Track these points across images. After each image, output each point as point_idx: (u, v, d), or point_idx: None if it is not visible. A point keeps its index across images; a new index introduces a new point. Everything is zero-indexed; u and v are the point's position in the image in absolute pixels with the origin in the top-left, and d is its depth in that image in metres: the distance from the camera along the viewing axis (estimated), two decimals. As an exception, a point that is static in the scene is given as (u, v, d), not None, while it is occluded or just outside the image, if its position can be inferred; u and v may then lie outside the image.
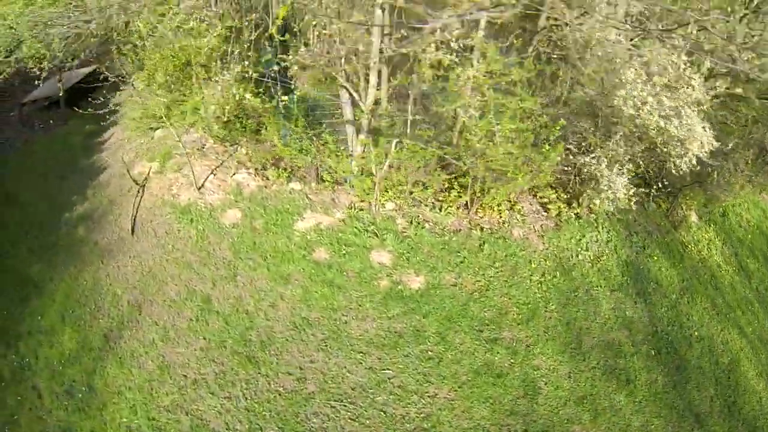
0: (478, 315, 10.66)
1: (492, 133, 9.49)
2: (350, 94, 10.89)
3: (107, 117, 13.73)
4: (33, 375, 10.06)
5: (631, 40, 9.89)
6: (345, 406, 9.42)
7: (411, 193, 11.91)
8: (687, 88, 9.65)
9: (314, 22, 10.58)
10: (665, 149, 10.29)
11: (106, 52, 14.00)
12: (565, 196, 12.68)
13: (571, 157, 11.51)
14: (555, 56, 11.37)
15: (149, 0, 9.27)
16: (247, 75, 10.33)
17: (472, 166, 10.95)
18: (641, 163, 11.72)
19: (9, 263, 11.96)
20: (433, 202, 12.13)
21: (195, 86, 9.52)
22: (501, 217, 12.30)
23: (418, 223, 11.78)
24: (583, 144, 11.65)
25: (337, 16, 9.37)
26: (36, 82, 13.66)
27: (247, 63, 9.98)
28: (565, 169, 11.83)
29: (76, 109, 13.42)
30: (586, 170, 11.55)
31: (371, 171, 11.45)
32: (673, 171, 10.78)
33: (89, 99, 13.62)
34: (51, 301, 11.25)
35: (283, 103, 11.90)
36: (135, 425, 9.25)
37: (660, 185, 12.48)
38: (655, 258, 12.85)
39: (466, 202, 12.12)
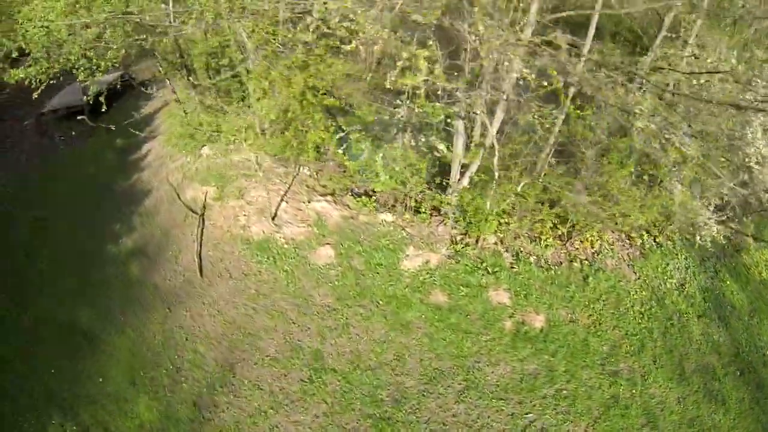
0: (598, 349, 10.52)
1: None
2: (466, 126, 10.14)
3: (142, 129, 11.61)
4: None
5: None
6: (496, 458, 8.71)
7: (508, 224, 11.44)
8: None
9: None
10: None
11: (138, 58, 11.86)
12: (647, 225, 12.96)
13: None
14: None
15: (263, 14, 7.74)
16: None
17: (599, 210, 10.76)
18: (731, 200, 12.23)
19: (46, 307, 9.71)
20: (528, 235, 11.77)
21: (317, 117, 8.16)
22: (593, 247, 12.27)
23: (525, 258, 11.34)
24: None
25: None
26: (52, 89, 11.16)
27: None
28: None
29: (108, 121, 11.14)
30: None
31: (479, 207, 10.76)
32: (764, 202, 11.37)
33: (116, 108, 11.42)
34: (112, 358, 9.32)
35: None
36: None
37: (745, 218, 13.15)
38: (727, 282, 13.59)
39: (561, 234, 11.92)
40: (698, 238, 11.73)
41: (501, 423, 9.16)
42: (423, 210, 11.40)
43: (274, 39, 8.16)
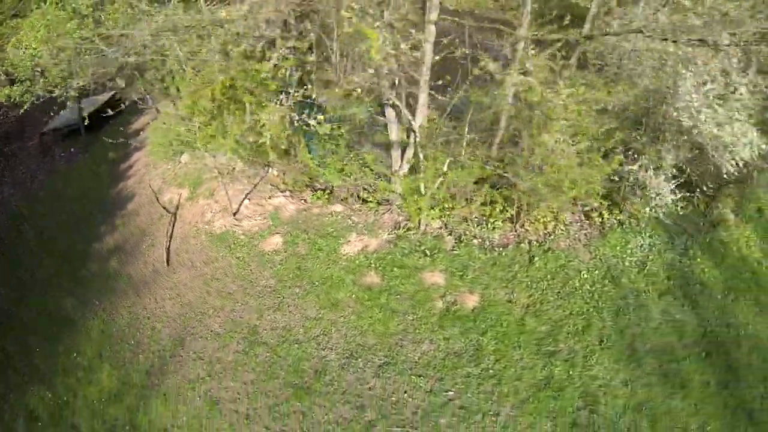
0: (535, 329, 10.43)
1: (560, 151, 9.35)
2: (397, 113, 10.65)
3: (129, 143, 13.31)
4: (72, 414, 9.65)
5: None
6: (407, 431, 9.06)
7: (453, 208, 11.70)
8: (735, 93, 9.64)
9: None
10: (715, 155, 10.24)
11: (125, 78, 13.60)
12: (607, 203, 12.59)
13: (618, 165, 11.41)
14: (595, 64, 11.33)
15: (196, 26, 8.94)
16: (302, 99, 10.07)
17: (530, 183, 10.77)
18: (685, 167, 11.66)
19: (41, 300, 11.49)
20: (477, 218, 11.93)
21: (238, 113, 9.22)
22: (546, 229, 12.14)
23: (467, 240, 11.54)
24: (629, 152, 11.56)
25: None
26: (51, 110, 13.24)
27: (309, 86, 9.65)
28: (612, 179, 11.72)
29: (102, 137, 12.93)
30: (632, 178, 11.45)
31: (415, 191, 11.19)
32: (724, 175, 10.74)
33: (109, 125, 13.19)
34: (87, 338, 10.80)
35: (318, 123, 11.67)
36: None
37: (704, 188, 12.41)
38: (698, 259, 12.74)
39: (512, 216, 11.95)
40: (648, 210, 11.26)
41: (417, 399, 9.44)
42: (371, 200, 12.01)
43: (200, 49, 9.29)
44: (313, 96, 10.84)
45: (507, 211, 11.85)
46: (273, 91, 9.29)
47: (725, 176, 10.67)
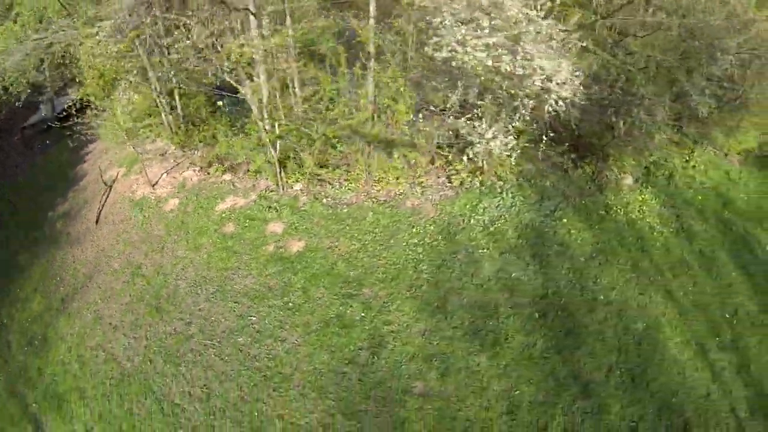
0: (344, 273, 11.30)
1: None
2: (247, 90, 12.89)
3: (89, 134, 17.17)
4: (7, 333, 12.89)
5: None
6: (212, 345, 10.79)
7: (316, 174, 13.24)
8: (526, 23, 9.51)
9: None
10: (521, 93, 10.02)
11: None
12: (468, 166, 12.68)
13: (449, 119, 11.70)
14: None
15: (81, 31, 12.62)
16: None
17: (355, 140, 11.98)
18: (524, 115, 11.23)
19: (3, 256, 15.19)
20: (333, 181, 13.24)
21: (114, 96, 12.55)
22: (399, 189, 12.84)
23: (318, 199, 12.96)
24: (462, 109, 11.77)
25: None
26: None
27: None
28: (452, 142, 12.02)
29: (67, 130, 16.05)
30: (464, 132, 11.57)
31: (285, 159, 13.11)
32: (546, 117, 10.45)
33: (78, 119, 16.16)
34: (29, 279, 14.18)
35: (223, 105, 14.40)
36: (67, 360, 11.67)
37: (547, 136, 11.76)
38: (565, 221, 11.97)
39: (365, 178, 12.99)
40: (467, 157, 11.18)
41: (230, 320, 11.13)
42: (251, 169, 14.20)
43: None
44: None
45: (351, 173, 12.95)
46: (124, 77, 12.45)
47: (576, 130, 10.23)
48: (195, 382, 10.41)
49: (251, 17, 11.56)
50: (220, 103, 14.19)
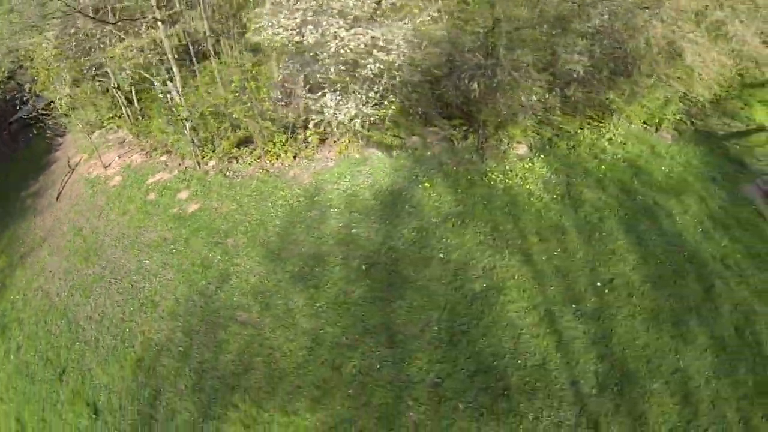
0: (218, 227, 13.52)
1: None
2: (168, 83, 15.65)
3: (64, 125, 20.60)
4: None
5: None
6: (115, 282, 13.37)
7: (227, 152, 15.64)
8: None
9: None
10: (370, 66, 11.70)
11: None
12: (348, 139, 14.47)
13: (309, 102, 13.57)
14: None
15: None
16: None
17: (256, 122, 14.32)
18: (383, 87, 12.74)
19: None
20: (243, 159, 15.55)
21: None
22: (287, 163, 14.89)
23: (222, 173, 15.30)
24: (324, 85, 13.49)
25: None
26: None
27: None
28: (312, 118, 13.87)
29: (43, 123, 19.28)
30: (313, 106, 13.31)
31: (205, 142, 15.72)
32: (370, 73, 12.01)
33: (49, 114, 19.18)
34: (1, 241, 17.79)
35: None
36: (15, 299, 14.60)
37: (435, 109, 13.14)
38: (427, 185, 13.22)
39: (260, 155, 15.19)
40: (312, 124, 12.89)
41: (132, 264, 13.70)
42: (179, 152, 16.84)
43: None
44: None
45: (257, 151, 15.17)
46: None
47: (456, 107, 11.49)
48: (96, 309, 12.96)
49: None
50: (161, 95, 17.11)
